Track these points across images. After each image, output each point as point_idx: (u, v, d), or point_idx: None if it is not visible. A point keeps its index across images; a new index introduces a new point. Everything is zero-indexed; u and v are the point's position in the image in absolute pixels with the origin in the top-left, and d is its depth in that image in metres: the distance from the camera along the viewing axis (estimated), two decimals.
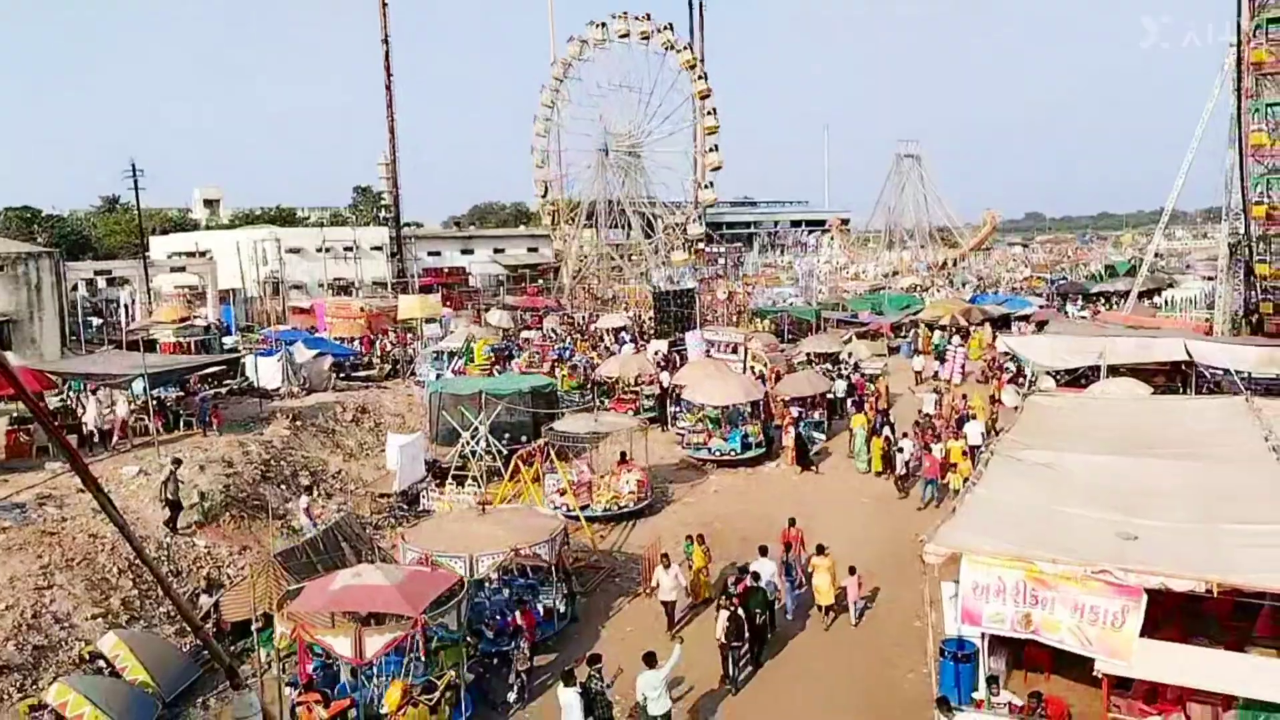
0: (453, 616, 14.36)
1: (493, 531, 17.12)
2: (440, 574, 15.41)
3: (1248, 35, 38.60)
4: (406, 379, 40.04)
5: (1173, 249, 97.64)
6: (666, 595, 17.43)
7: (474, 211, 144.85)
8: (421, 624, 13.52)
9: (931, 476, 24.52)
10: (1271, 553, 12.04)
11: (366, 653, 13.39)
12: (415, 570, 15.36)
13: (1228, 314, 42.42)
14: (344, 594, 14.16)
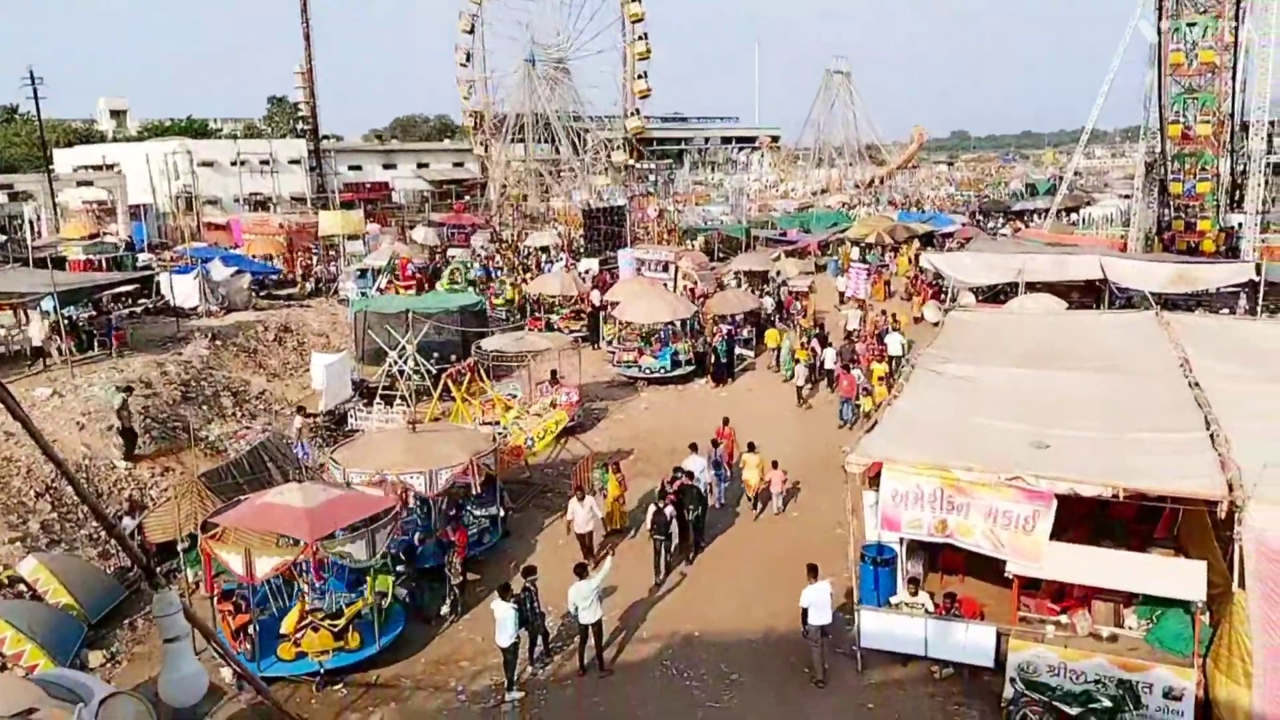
0: (361, 546, 13.62)
1: (438, 448, 17.15)
2: (370, 499, 14.99)
3: None
4: (330, 297, 39.19)
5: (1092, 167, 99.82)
6: (581, 528, 17.08)
7: (396, 124, 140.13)
8: (313, 551, 13.23)
9: (847, 396, 24.67)
10: (1173, 460, 12.70)
11: (256, 573, 13.30)
12: (342, 494, 14.89)
13: (1142, 232, 43.74)
14: (251, 512, 14.08)
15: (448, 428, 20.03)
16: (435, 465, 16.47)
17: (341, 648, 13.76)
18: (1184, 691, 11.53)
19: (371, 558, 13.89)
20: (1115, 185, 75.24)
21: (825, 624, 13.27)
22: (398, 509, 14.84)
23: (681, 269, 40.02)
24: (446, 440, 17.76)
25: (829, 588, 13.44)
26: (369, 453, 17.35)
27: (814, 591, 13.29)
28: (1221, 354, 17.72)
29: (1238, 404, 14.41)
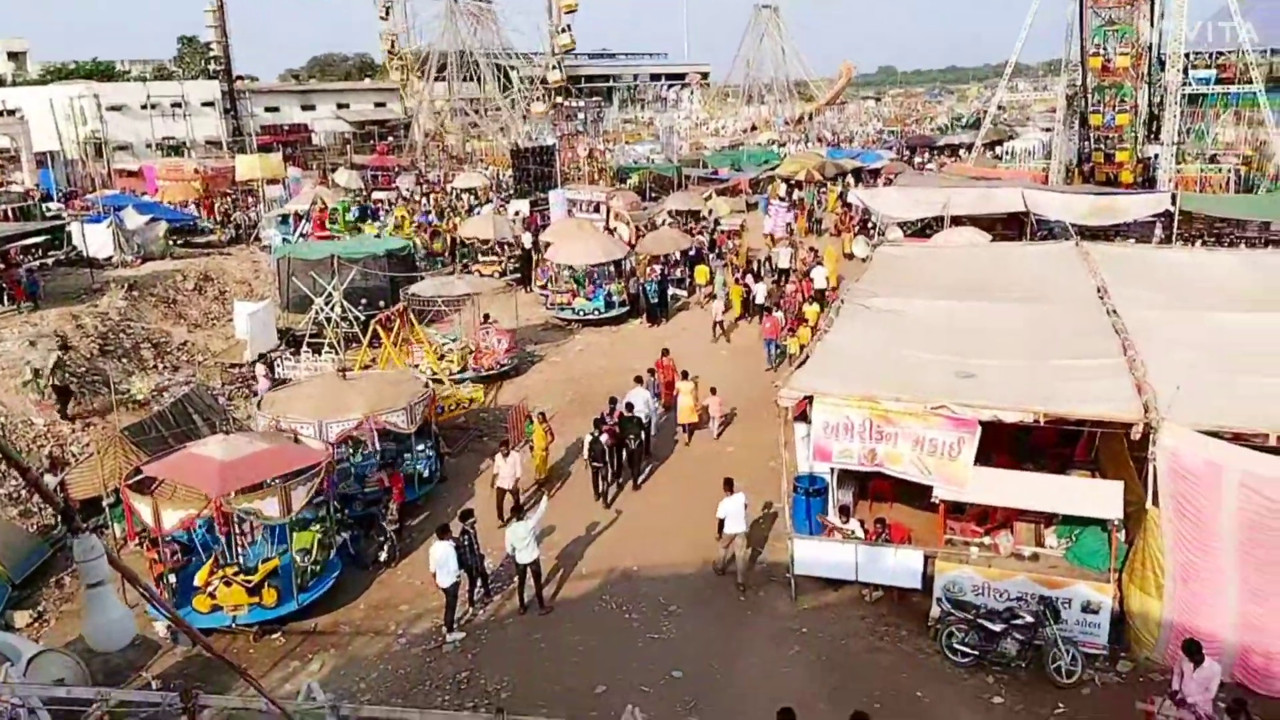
0: (273, 503, 13.27)
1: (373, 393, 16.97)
2: (296, 453, 14.58)
3: None
4: (251, 244, 38.05)
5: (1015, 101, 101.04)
6: (505, 483, 16.52)
7: (314, 64, 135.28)
8: (217, 506, 12.97)
9: (770, 337, 24.48)
10: (1090, 385, 13.14)
11: (164, 524, 13.11)
12: (268, 448, 14.31)
13: (1063, 164, 44.61)
14: (170, 464, 13.83)
15: (381, 375, 19.75)
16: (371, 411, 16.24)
17: (257, 603, 13.55)
18: (1101, 605, 12.09)
19: (285, 515, 13.48)
20: (1037, 119, 76.40)
21: (739, 531, 14.26)
22: (323, 464, 14.24)
23: (614, 209, 39.71)
24: (381, 385, 17.54)
25: (743, 499, 14.45)
26: (298, 401, 17.04)
27: (730, 503, 14.34)
28: (1138, 282, 18.28)
29: (1152, 329, 14.92)
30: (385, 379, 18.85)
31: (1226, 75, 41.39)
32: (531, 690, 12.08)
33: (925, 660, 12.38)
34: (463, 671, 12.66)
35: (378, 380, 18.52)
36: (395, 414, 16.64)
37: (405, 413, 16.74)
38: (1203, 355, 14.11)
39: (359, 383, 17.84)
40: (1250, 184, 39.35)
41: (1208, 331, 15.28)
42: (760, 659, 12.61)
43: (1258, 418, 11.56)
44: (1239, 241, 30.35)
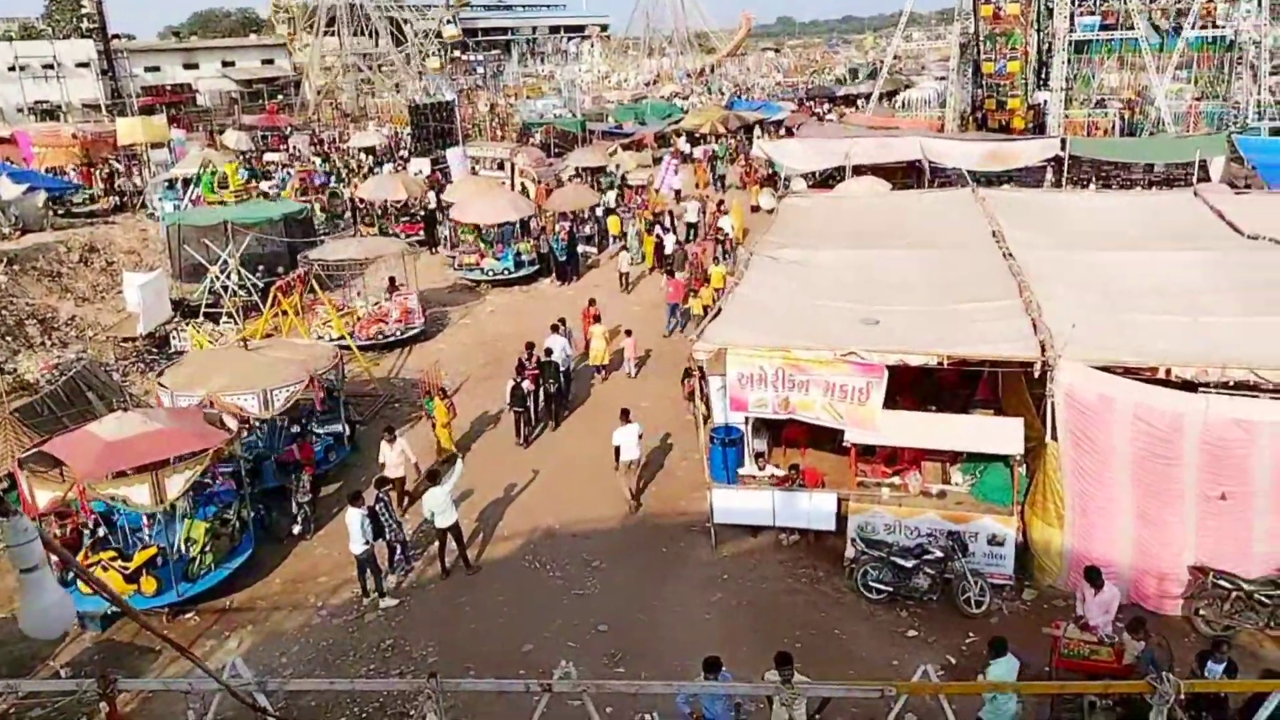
0: (144, 490, 12.41)
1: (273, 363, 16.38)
2: (191, 436, 13.51)
3: None
4: (138, 211, 36.30)
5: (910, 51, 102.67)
6: (392, 472, 15.45)
7: (195, 20, 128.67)
8: (80, 490, 12.40)
9: (673, 302, 23.79)
10: (989, 326, 13.60)
11: (37, 505, 12.57)
12: (164, 429, 13.44)
13: (957, 112, 45.65)
14: (59, 444, 13.28)
15: (283, 343, 19.17)
16: (271, 384, 15.74)
17: (136, 590, 13.02)
18: (1005, 537, 12.64)
19: (157, 505, 12.68)
20: (932, 68, 77.92)
21: (634, 458, 15.33)
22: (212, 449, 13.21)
23: (519, 166, 39.10)
24: (281, 356, 17.02)
25: (638, 428, 15.45)
26: (199, 374, 16.42)
27: (624, 432, 15.36)
28: (1031, 225, 18.91)
29: (1046, 271, 15.48)
30: (289, 347, 18.30)
31: (1110, 22, 42.72)
32: (458, 653, 12.05)
33: (842, 599, 12.77)
34: (387, 640, 12.54)
35: (281, 349, 17.96)
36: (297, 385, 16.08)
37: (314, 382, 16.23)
38: (1093, 294, 14.75)
39: (262, 351, 17.25)
40: (1134, 128, 40.97)
41: (1097, 271, 15.95)
42: (684, 607, 12.83)
43: (1147, 352, 12.15)
44: (1126, 184, 31.65)
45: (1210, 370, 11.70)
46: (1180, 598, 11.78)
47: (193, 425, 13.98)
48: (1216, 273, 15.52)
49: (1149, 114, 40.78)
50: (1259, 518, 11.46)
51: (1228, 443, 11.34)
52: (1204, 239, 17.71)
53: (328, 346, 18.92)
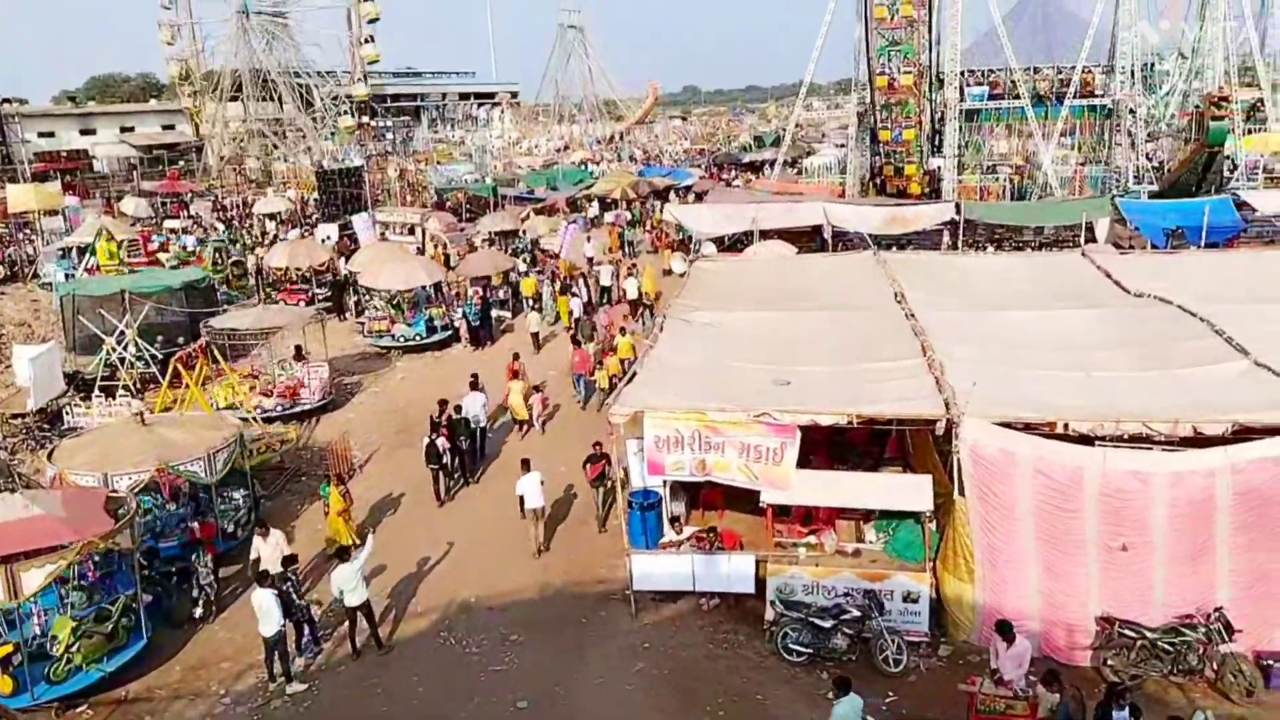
0: None
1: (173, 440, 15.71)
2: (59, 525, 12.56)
3: None
4: (29, 282, 34.83)
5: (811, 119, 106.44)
6: (270, 566, 13.97)
7: (93, 85, 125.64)
8: None
9: (580, 372, 23.25)
10: (896, 384, 13.94)
11: None
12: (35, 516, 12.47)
13: (857, 178, 47.30)
14: None
15: (184, 418, 18.47)
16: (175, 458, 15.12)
17: None
18: (920, 594, 12.82)
19: (10, 599, 11.87)
20: (832, 135, 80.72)
21: (538, 506, 15.98)
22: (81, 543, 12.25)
23: (429, 231, 38.93)
24: (183, 430, 16.38)
25: (539, 477, 16.14)
26: (92, 450, 15.67)
27: (526, 481, 16.11)
28: (931, 286, 19.56)
29: (947, 330, 16.00)
30: (189, 422, 17.63)
31: (997, 91, 45.08)
32: None
33: (763, 662, 12.71)
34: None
35: (180, 423, 17.30)
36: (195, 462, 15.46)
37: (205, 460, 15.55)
38: (992, 351, 15.30)
39: (159, 427, 16.56)
40: (1024, 192, 43.07)
41: (995, 329, 16.58)
42: (604, 679, 12.58)
43: (1045, 407, 12.59)
44: (1018, 245, 33.15)
45: (1105, 424, 12.16)
46: (1089, 648, 12.06)
47: (78, 512, 13.07)
48: (1106, 329, 16.29)
49: (1037, 179, 42.92)
50: (1159, 567, 11.88)
51: (1125, 494, 11.78)
52: (1093, 297, 18.57)
53: (229, 420, 18.27)
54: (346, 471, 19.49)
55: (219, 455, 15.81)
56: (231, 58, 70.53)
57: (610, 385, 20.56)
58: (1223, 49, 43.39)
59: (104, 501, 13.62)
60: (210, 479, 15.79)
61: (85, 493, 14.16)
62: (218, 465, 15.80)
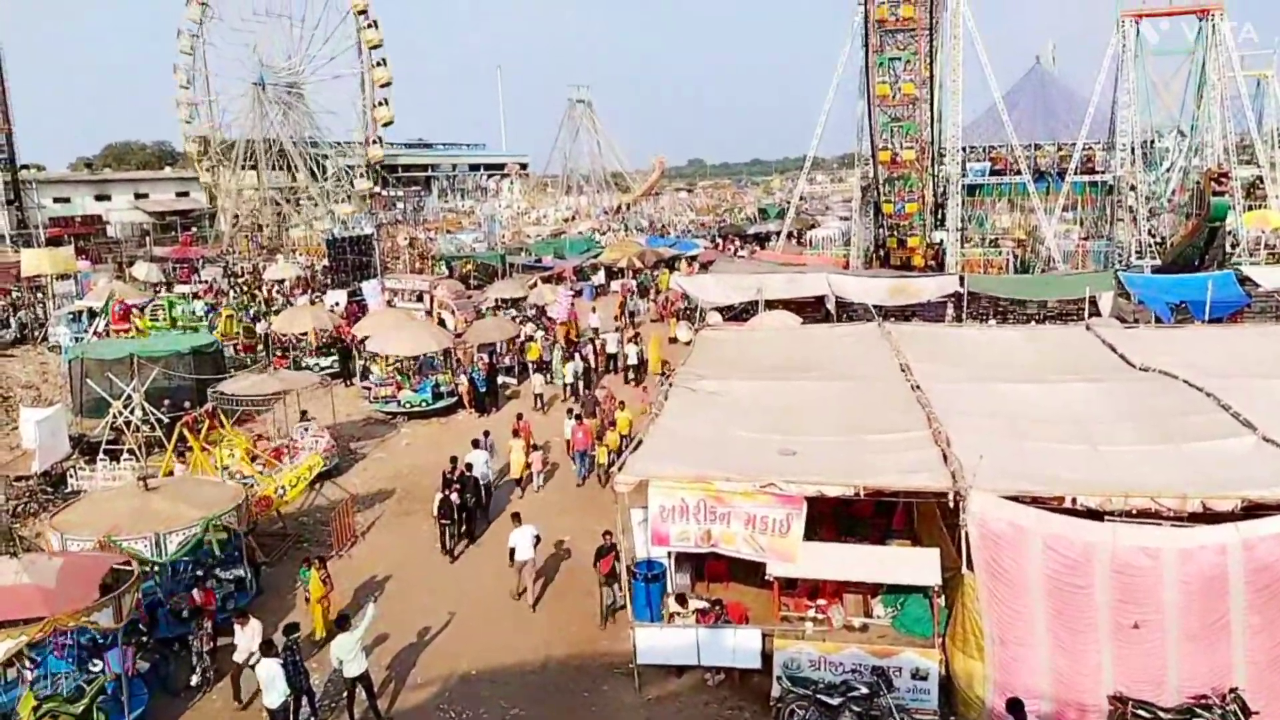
0: None
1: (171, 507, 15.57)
2: (34, 597, 12.19)
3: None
4: (38, 345, 35.08)
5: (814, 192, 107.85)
6: (241, 657, 13.79)
7: (109, 152, 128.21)
8: None
9: (581, 449, 22.62)
10: (902, 456, 13.89)
11: None
12: (28, 586, 12.23)
13: (861, 250, 47.82)
14: None
15: (186, 482, 18.41)
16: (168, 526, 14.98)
17: None
18: (929, 671, 12.59)
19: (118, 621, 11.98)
20: (836, 208, 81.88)
21: (528, 558, 16.49)
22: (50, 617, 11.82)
23: (438, 298, 39.26)
24: (183, 497, 16.26)
25: (532, 530, 16.71)
26: (93, 516, 15.58)
27: (518, 535, 16.64)
28: (936, 358, 19.65)
29: (952, 402, 16.01)
30: (194, 485, 17.58)
31: (999, 167, 45.83)
32: None
33: None
34: None
35: (183, 487, 17.24)
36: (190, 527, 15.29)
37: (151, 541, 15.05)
38: (998, 424, 15.26)
39: (163, 491, 16.49)
40: (1027, 265, 43.47)
41: (1001, 402, 16.56)
42: None
43: (1052, 481, 12.53)
44: (1022, 318, 33.30)
45: (1114, 499, 12.09)
46: None
47: (68, 583, 12.64)
48: (1112, 403, 16.28)
49: (1040, 252, 43.38)
50: (1172, 646, 11.68)
51: (1137, 570, 11.64)
52: (1099, 371, 18.62)
53: (232, 485, 18.20)
54: (349, 538, 19.37)
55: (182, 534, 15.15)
56: (247, 129, 71.93)
57: (609, 461, 20.54)
58: (1220, 128, 44.12)
59: (105, 570, 13.39)
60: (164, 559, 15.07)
61: (87, 560, 13.97)
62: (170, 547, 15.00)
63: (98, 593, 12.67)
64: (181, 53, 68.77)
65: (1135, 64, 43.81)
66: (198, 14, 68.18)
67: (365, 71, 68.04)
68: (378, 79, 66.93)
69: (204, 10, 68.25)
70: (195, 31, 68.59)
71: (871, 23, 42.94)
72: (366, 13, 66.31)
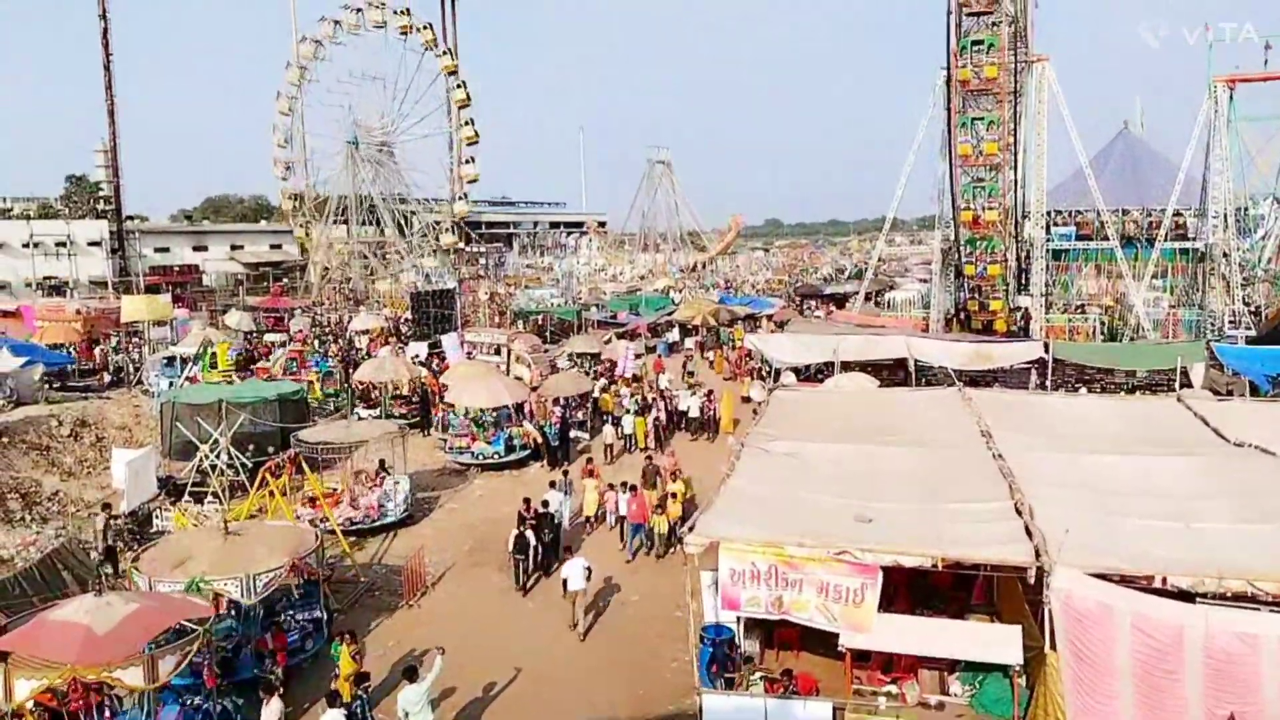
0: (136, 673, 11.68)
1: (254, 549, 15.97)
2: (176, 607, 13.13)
3: (955, 57, 42.84)
4: (133, 388, 36.57)
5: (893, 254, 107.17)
6: None
7: (208, 205, 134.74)
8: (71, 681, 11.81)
9: (638, 521, 21.45)
10: (983, 527, 13.48)
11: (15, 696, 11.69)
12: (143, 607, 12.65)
13: (941, 313, 47.13)
14: (29, 631, 12.45)
15: (265, 526, 18.85)
16: (251, 569, 15.35)
17: None
18: None
19: (151, 682, 12.06)
20: (914, 270, 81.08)
21: (579, 589, 17.52)
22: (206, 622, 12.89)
23: (514, 351, 39.88)
24: (263, 540, 16.66)
25: (583, 562, 17.78)
26: (176, 556, 16.03)
27: (570, 567, 17.71)
28: (1018, 425, 19.12)
29: (1036, 471, 15.52)
30: (271, 530, 17.98)
31: (1085, 232, 44.89)
32: None
33: None
34: None
35: (263, 531, 17.65)
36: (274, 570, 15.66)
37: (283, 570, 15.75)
38: (1083, 496, 14.72)
39: (244, 534, 16.91)
40: (1115, 333, 42.25)
41: (1087, 474, 15.98)
42: None
43: (1141, 559, 12.01)
44: (1110, 387, 32.32)
45: (1207, 580, 11.52)
46: None
47: (168, 604, 13.36)
48: (1205, 479, 15.58)
49: (1128, 320, 42.15)
50: None
51: (1232, 657, 11.04)
52: (1191, 445, 17.88)
53: (309, 530, 18.56)
54: (420, 588, 19.51)
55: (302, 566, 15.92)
56: (339, 186, 74.80)
57: (670, 530, 20.40)
58: None
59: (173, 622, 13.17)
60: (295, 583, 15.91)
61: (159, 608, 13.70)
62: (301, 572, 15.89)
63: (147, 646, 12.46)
64: (280, 113, 72.12)
65: (1228, 130, 42.74)
66: (297, 77, 71.51)
67: (453, 131, 70.42)
68: (465, 138, 69.15)
69: (303, 74, 71.60)
70: (294, 94, 71.91)
71: (954, 83, 42.85)
72: (456, 73, 68.78)
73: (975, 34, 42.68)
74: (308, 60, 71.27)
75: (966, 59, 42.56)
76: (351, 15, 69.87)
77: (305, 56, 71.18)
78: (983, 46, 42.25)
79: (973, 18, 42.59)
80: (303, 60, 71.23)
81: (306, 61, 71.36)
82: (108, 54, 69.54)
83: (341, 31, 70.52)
